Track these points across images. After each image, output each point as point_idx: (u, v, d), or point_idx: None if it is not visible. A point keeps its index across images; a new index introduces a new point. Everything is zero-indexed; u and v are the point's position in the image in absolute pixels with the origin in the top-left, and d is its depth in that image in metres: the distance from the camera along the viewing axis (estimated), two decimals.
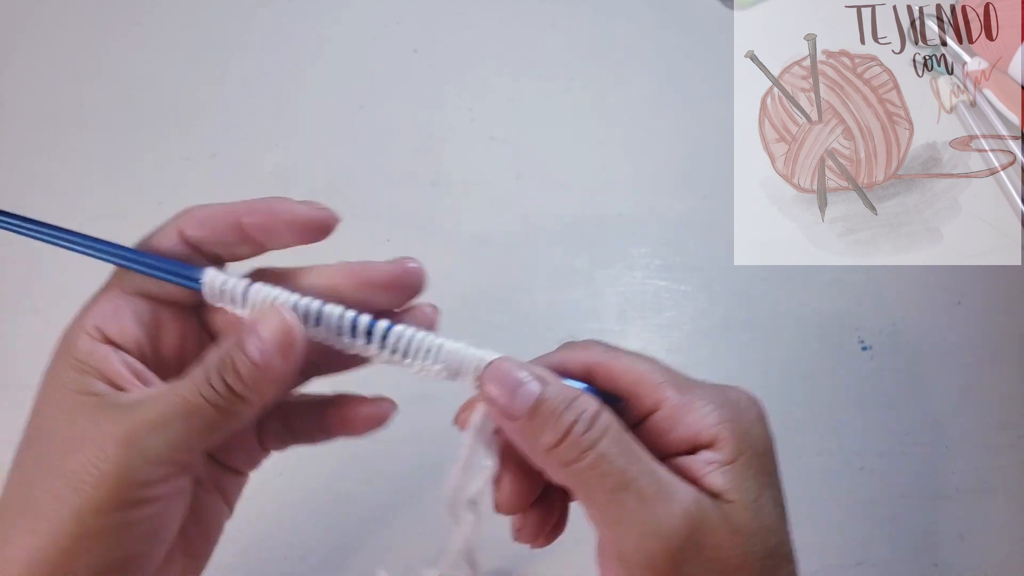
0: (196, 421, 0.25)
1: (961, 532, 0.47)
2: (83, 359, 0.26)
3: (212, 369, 0.26)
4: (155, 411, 0.25)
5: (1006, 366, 0.51)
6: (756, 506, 0.26)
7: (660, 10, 0.60)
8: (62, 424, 0.26)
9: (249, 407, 0.26)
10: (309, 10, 0.60)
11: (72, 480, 0.25)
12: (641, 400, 0.28)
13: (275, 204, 0.28)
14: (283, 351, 0.26)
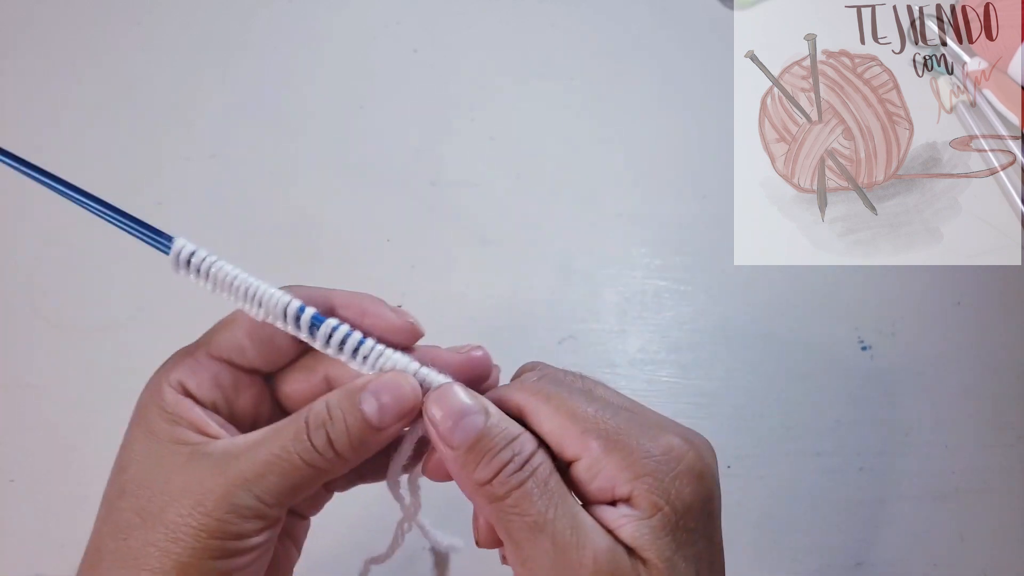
0: (290, 479, 0.26)
1: (961, 532, 0.47)
2: (171, 410, 0.27)
3: (315, 425, 0.26)
4: (251, 467, 0.26)
5: (1006, 366, 0.51)
6: (670, 564, 0.25)
7: (660, 10, 0.60)
8: (158, 474, 0.26)
9: (344, 466, 0.27)
10: (309, 10, 0.60)
11: (173, 531, 0.25)
12: (564, 448, 0.27)
13: (368, 305, 0.29)
14: (401, 416, 0.27)
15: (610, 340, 0.51)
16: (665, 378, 0.50)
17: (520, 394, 0.28)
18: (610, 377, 0.50)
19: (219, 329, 0.29)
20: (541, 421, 0.27)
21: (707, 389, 0.50)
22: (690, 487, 0.26)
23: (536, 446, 0.27)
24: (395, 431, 0.27)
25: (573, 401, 0.28)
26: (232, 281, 0.28)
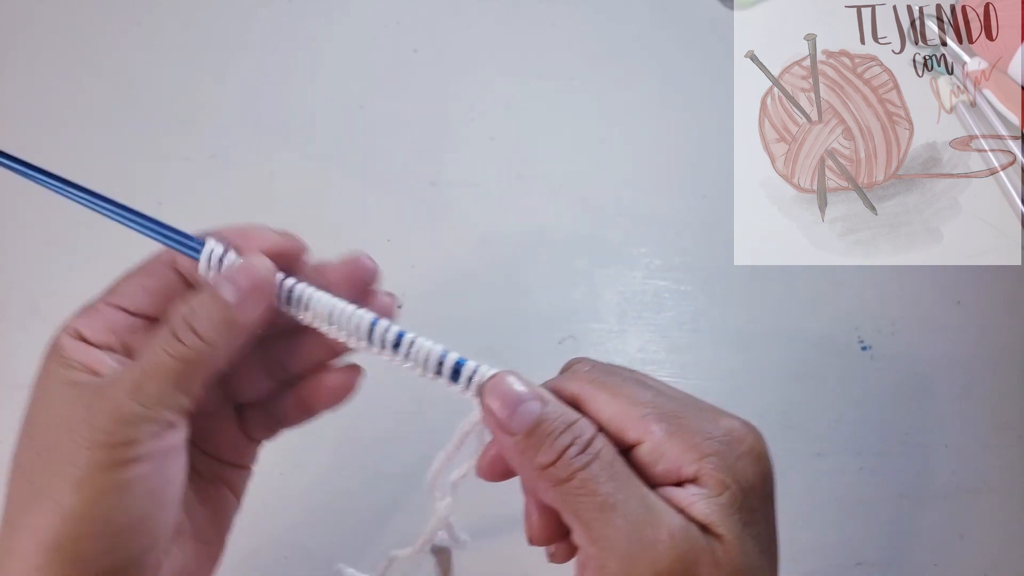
0: (166, 378, 0.27)
1: (961, 532, 0.47)
2: (67, 355, 0.28)
3: (178, 322, 0.27)
4: (129, 379, 0.27)
5: (1006, 366, 0.51)
6: (740, 540, 0.26)
7: (660, 10, 0.60)
8: (53, 412, 0.27)
9: (216, 354, 0.28)
10: (309, 10, 0.60)
11: (68, 456, 0.26)
12: (624, 433, 0.27)
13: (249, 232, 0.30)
14: (258, 293, 0.28)
15: (610, 340, 0.51)
16: (665, 378, 0.50)
17: (575, 383, 0.29)
18: None
19: (118, 279, 0.30)
20: (600, 408, 0.28)
21: (707, 389, 0.50)
22: (752, 467, 0.27)
23: (596, 430, 0.27)
24: (257, 313, 0.28)
25: (629, 388, 0.28)
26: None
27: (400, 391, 0.50)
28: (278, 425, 0.33)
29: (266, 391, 0.33)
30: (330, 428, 0.49)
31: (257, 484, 0.47)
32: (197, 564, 0.31)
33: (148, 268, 0.31)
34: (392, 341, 0.29)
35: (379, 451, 0.48)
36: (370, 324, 0.29)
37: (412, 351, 0.29)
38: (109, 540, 0.26)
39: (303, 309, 0.29)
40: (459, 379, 0.28)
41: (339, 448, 0.48)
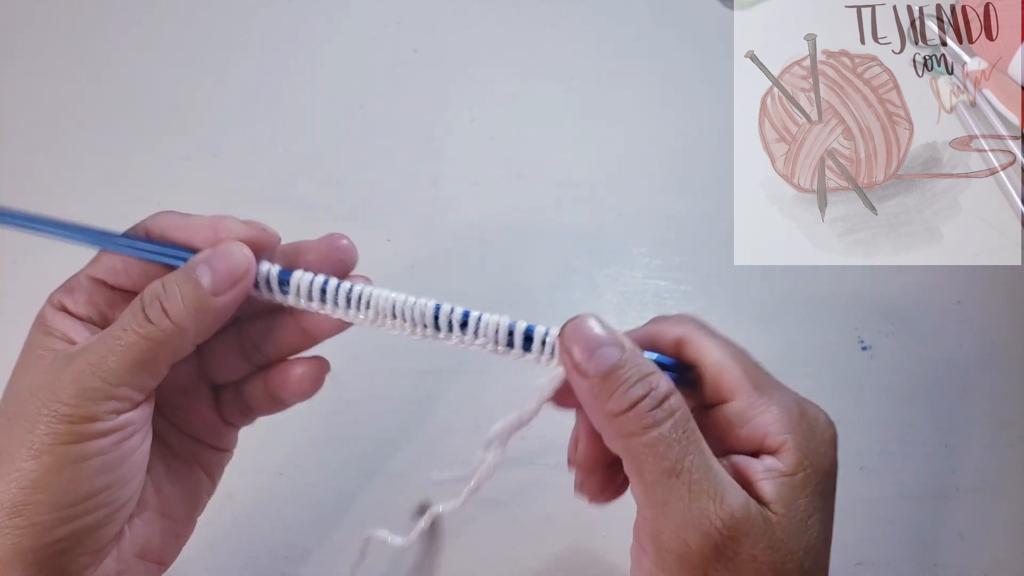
0: (130, 356, 0.27)
1: (961, 531, 0.47)
2: (48, 324, 0.29)
3: (149, 300, 0.28)
4: (95, 352, 0.27)
5: (1006, 366, 0.51)
6: (802, 525, 0.26)
7: (660, 10, 0.60)
8: (25, 379, 0.28)
9: (185, 338, 0.28)
10: (309, 10, 0.60)
11: (30, 422, 0.26)
12: (719, 387, 0.28)
13: (220, 224, 0.30)
14: (234, 279, 0.28)
15: None
16: None
17: (682, 327, 0.29)
18: None
19: (99, 253, 0.31)
20: (704, 353, 0.28)
21: None
22: (829, 455, 0.27)
23: (672, 387, 0.27)
24: (231, 299, 0.28)
25: (734, 347, 0.29)
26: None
27: (399, 391, 0.50)
28: (251, 412, 0.33)
29: (241, 373, 0.33)
30: (330, 428, 0.49)
31: (257, 484, 0.47)
32: (162, 539, 0.31)
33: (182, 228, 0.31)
34: (459, 322, 0.28)
35: (379, 451, 0.48)
36: (434, 310, 0.28)
37: (481, 328, 0.28)
38: (65, 510, 0.26)
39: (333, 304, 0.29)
40: (531, 346, 0.28)
41: (339, 448, 0.48)
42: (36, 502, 0.26)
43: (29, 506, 0.26)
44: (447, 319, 0.28)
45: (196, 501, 0.33)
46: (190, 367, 0.32)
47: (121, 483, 0.28)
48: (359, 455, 0.48)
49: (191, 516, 0.33)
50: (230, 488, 0.36)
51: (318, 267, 0.30)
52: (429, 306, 0.28)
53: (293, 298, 0.29)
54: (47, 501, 0.26)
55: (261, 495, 0.47)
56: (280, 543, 0.46)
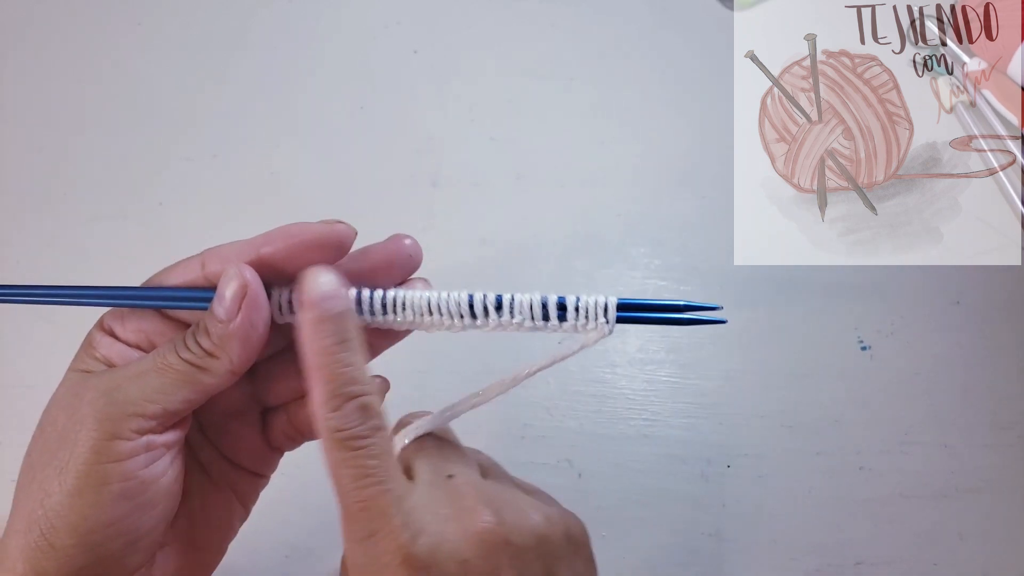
0: (169, 376, 0.27)
1: (961, 532, 0.47)
2: (92, 345, 0.29)
3: (187, 334, 0.28)
4: (133, 369, 0.27)
5: (1005, 366, 0.51)
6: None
7: (660, 10, 0.60)
8: (66, 400, 0.28)
9: (218, 363, 0.28)
10: (309, 10, 0.60)
11: (69, 443, 0.26)
12: None
13: (291, 228, 0.29)
14: (239, 301, 0.27)
15: (610, 340, 0.51)
16: (665, 378, 0.50)
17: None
18: (610, 377, 0.50)
19: (153, 279, 0.30)
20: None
21: (707, 389, 0.50)
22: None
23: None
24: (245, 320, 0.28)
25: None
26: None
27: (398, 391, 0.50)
28: (300, 435, 0.33)
29: (297, 393, 0.32)
30: None
31: None
32: (191, 570, 0.31)
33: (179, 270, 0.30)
34: (495, 306, 0.29)
35: None
36: (469, 301, 0.29)
37: (515, 307, 0.29)
38: (86, 536, 0.26)
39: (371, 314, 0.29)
40: (566, 317, 0.29)
41: None
42: (58, 526, 0.26)
43: (53, 530, 0.26)
44: (482, 305, 0.29)
45: (229, 530, 0.33)
46: (243, 390, 0.32)
47: (145, 511, 0.27)
48: None
49: (222, 546, 0.33)
50: None
51: (385, 269, 0.30)
52: (464, 297, 0.29)
53: None
54: (69, 525, 0.26)
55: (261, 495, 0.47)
56: (280, 543, 0.46)
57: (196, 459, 0.31)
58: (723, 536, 0.46)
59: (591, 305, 0.29)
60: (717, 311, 0.29)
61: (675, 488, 0.47)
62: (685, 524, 0.46)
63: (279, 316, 0.29)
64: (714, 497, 0.47)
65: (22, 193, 0.55)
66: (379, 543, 0.25)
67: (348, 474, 0.27)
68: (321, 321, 0.27)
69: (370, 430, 0.27)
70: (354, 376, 0.27)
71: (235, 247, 0.29)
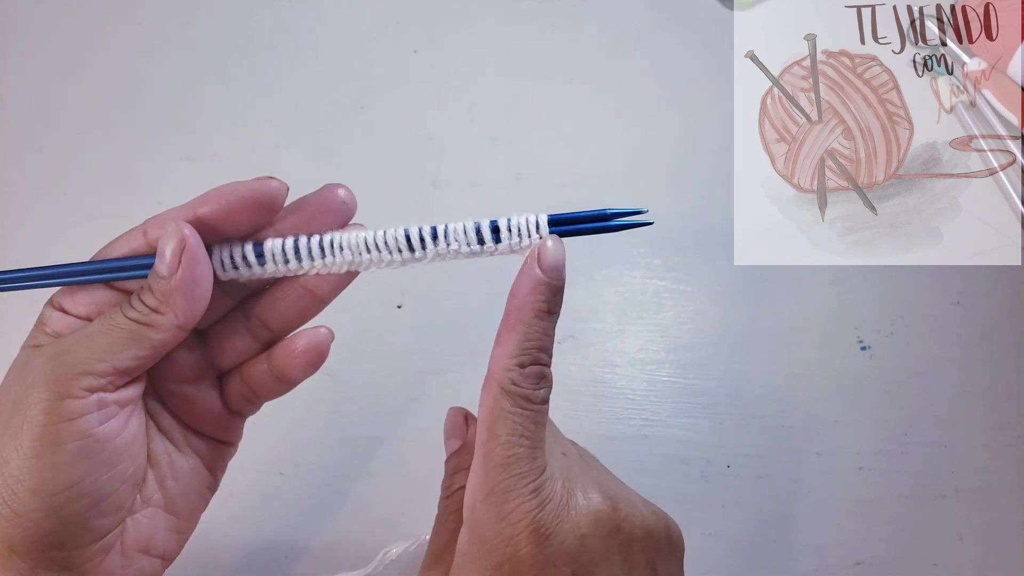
0: (117, 334, 0.28)
1: (960, 532, 0.47)
2: (43, 322, 0.30)
3: (133, 296, 0.29)
4: (80, 333, 0.28)
5: (1005, 366, 0.51)
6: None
7: (660, 10, 0.60)
8: (12, 373, 0.28)
9: (163, 318, 0.28)
10: (309, 10, 0.60)
11: (24, 409, 0.27)
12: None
13: (224, 188, 0.30)
14: (178, 255, 0.28)
15: (610, 340, 0.51)
16: (665, 378, 0.50)
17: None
18: (610, 377, 0.50)
19: (99, 254, 0.30)
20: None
21: (707, 389, 0.50)
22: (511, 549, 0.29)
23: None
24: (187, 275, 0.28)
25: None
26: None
27: (398, 390, 0.50)
28: (257, 396, 0.33)
29: (249, 354, 0.33)
30: (330, 428, 0.49)
31: (257, 484, 0.47)
32: (165, 535, 0.31)
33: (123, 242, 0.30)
34: (431, 236, 0.30)
35: (379, 451, 0.49)
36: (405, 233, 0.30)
37: (451, 235, 0.31)
38: (47, 499, 0.26)
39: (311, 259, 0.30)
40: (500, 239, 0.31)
41: (339, 448, 0.48)
42: (19, 491, 0.26)
43: (14, 496, 0.26)
44: (418, 237, 0.30)
45: (200, 498, 0.33)
46: (195, 356, 0.32)
47: (105, 470, 0.28)
48: (359, 455, 0.48)
49: (195, 513, 0.33)
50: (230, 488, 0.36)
51: (320, 218, 0.31)
52: (400, 232, 0.30)
53: (272, 268, 0.30)
54: (29, 489, 0.26)
55: (261, 495, 0.47)
56: (280, 543, 0.47)
57: (158, 427, 0.31)
58: (723, 537, 0.46)
59: (523, 224, 0.30)
60: (644, 215, 0.31)
61: (675, 488, 0.47)
62: (685, 525, 0.46)
63: (222, 272, 0.30)
64: (715, 498, 0.47)
65: (22, 193, 0.55)
66: (511, 502, 0.27)
67: (508, 428, 0.28)
68: (548, 285, 0.30)
69: (541, 398, 0.29)
70: (547, 346, 0.29)
71: (173, 211, 0.29)
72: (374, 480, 0.48)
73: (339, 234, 0.30)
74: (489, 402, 0.29)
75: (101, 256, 0.30)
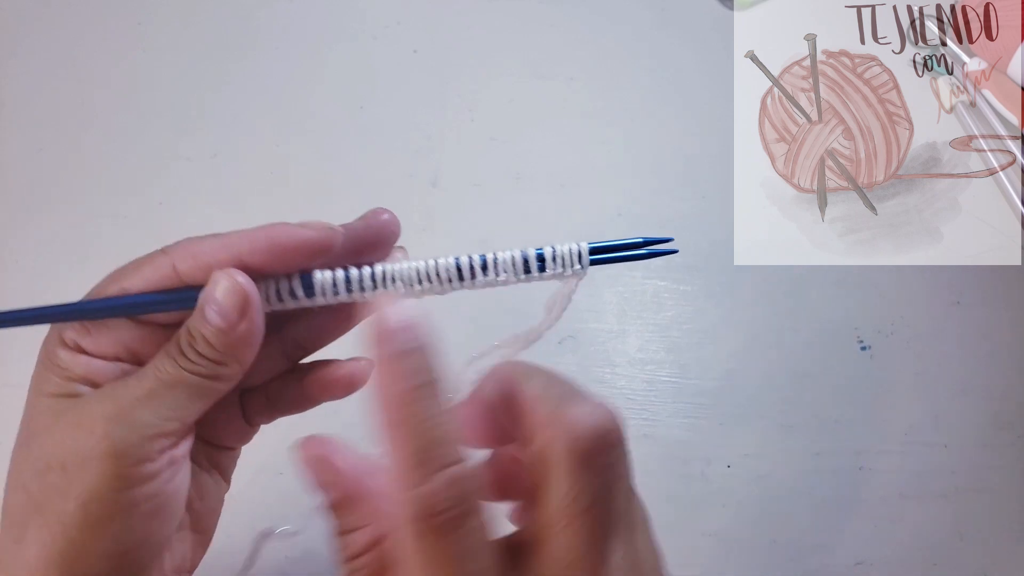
0: (181, 390, 0.26)
1: (960, 531, 0.47)
2: (65, 366, 0.27)
3: (183, 344, 0.27)
4: (140, 388, 0.26)
5: (1005, 366, 0.51)
6: None
7: (659, 10, 0.60)
8: (52, 421, 0.26)
9: (226, 368, 0.27)
10: (309, 10, 0.60)
11: (73, 474, 0.25)
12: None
13: (275, 233, 0.28)
14: (240, 309, 0.26)
15: (610, 340, 0.51)
16: (665, 378, 0.50)
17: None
18: (610, 377, 0.50)
19: (113, 282, 0.28)
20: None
21: (707, 389, 0.50)
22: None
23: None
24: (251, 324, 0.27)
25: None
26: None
27: None
28: (278, 411, 0.33)
29: (278, 371, 0.32)
30: (329, 428, 0.49)
31: (257, 484, 0.47)
32: (192, 552, 0.31)
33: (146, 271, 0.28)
34: (480, 267, 0.30)
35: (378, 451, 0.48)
36: (456, 266, 0.30)
37: (500, 265, 0.30)
38: (116, 559, 0.26)
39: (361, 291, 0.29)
40: (545, 268, 0.31)
41: None
42: (86, 553, 0.25)
43: (80, 559, 0.25)
44: (468, 268, 0.30)
45: (219, 507, 0.33)
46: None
47: (168, 522, 0.27)
48: None
49: (215, 522, 0.33)
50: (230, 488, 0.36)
51: (370, 249, 0.30)
52: (450, 262, 0.30)
53: (321, 300, 0.29)
54: (97, 551, 0.25)
55: (261, 495, 0.47)
56: (280, 543, 0.46)
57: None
58: (723, 536, 0.46)
59: (567, 253, 0.31)
60: (670, 243, 0.32)
61: (676, 488, 0.47)
62: (686, 524, 0.46)
63: (266, 305, 0.29)
64: (715, 498, 0.47)
65: (22, 193, 0.55)
66: None
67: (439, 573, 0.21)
68: (397, 358, 0.23)
69: (463, 513, 0.21)
70: (443, 436, 0.22)
71: (210, 247, 0.27)
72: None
73: (391, 265, 0.30)
74: (407, 545, 0.22)
75: (121, 284, 0.27)
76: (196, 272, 0.27)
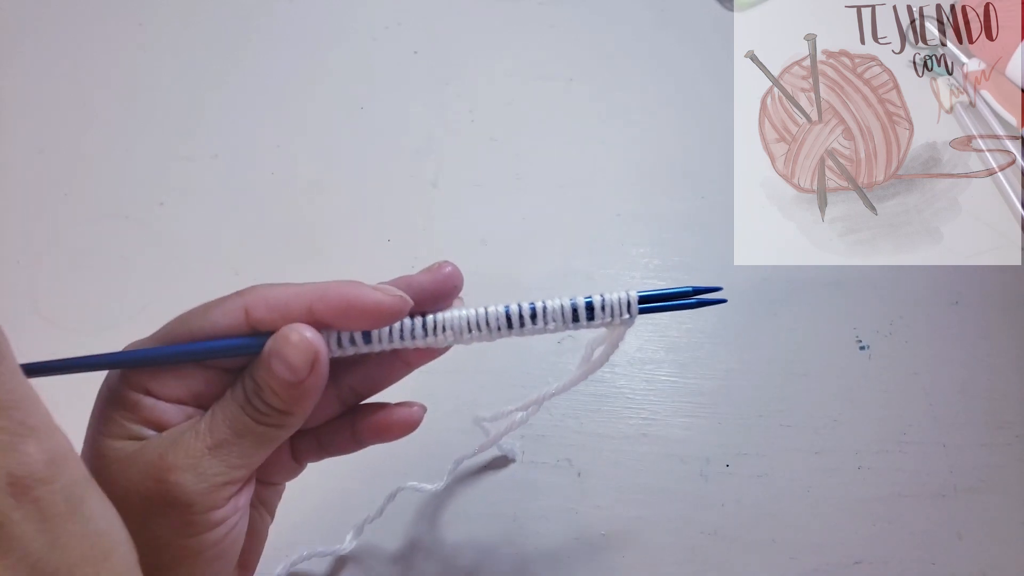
0: (248, 439, 0.27)
1: (960, 531, 0.47)
2: (131, 408, 0.27)
3: (249, 393, 0.27)
4: (210, 437, 0.26)
5: (1004, 365, 0.51)
6: None
7: (659, 11, 0.60)
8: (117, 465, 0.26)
9: (293, 418, 0.28)
10: (310, 11, 0.60)
11: (139, 518, 0.25)
12: None
13: (349, 292, 0.28)
14: (311, 364, 0.27)
15: None
16: (664, 377, 0.50)
17: None
18: (610, 376, 0.50)
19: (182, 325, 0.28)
20: None
21: (706, 389, 0.50)
22: None
23: None
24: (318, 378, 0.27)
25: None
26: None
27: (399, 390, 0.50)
28: (327, 453, 0.33)
29: (332, 415, 0.33)
30: None
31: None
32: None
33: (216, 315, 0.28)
34: (529, 316, 0.30)
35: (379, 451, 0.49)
36: (506, 315, 0.30)
37: (549, 314, 0.30)
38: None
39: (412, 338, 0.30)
40: (594, 316, 0.31)
41: None
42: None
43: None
44: (518, 316, 0.30)
45: (263, 540, 0.34)
46: None
47: (229, 564, 0.28)
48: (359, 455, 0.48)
49: (259, 556, 0.34)
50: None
51: (432, 301, 0.31)
52: (500, 311, 0.30)
53: (377, 345, 0.30)
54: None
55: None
56: (280, 543, 0.47)
57: None
58: (723, 536, 0.46)
59: (616, 302, 0.31)
60: (719, 292, 0.31)
61: (675, 488, 0.47)
62: (685, 524, 0.46)
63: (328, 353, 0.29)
64: (714, 497, 0.47)
65: (23, 193, 0.55)
66: None
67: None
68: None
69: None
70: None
71: (283, 296, 0.28)
72: (374, 480, 0.48)
73: (442, 315, 0.31)
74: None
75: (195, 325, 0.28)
76: (267, 319, 0.27)
